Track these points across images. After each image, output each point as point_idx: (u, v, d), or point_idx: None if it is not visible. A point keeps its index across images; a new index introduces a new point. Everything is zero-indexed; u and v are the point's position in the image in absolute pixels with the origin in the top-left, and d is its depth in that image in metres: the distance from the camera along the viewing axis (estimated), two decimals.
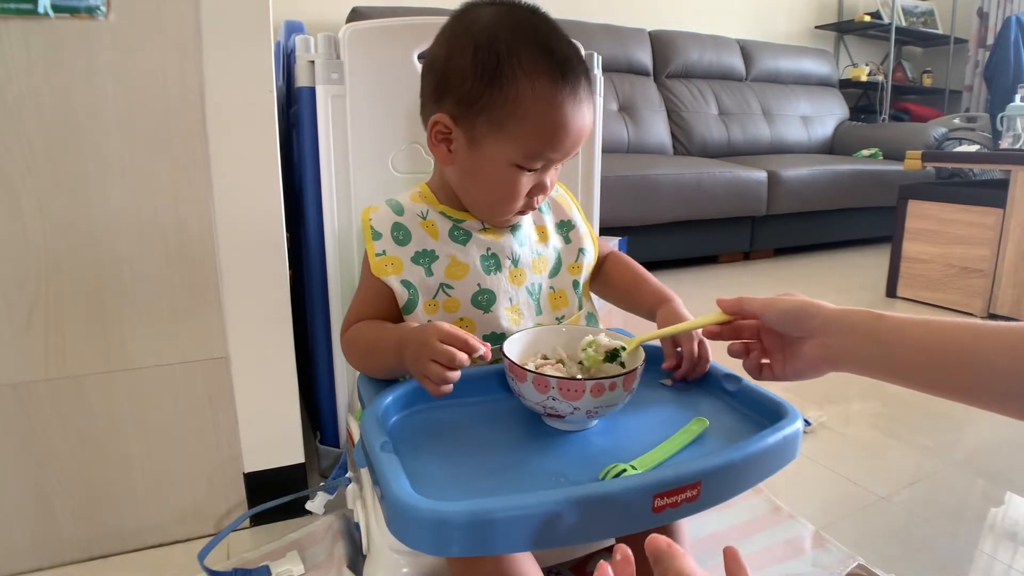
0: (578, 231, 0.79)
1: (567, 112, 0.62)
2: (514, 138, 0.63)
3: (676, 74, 3.11)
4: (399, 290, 0.68)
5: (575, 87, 0.63)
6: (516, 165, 0.65)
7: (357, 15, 2.35)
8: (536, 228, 0.76)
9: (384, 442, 0.52)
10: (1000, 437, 1.17)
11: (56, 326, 0.74)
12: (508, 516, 0.44)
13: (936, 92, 4.12)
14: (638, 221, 2.32)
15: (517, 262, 0.72)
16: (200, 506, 0.85)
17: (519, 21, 0.64)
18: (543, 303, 0.74)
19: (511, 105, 0.62)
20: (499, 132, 0.63)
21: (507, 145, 0.63)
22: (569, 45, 0.65)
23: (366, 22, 0.84)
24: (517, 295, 0.72)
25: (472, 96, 0.63)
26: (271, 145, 0.79)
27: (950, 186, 2.20)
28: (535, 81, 0.61)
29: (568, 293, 0.75)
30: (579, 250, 0.77)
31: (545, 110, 0.62)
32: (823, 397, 1.34)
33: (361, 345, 0.69)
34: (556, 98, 0.62)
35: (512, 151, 0.64)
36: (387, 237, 0.69)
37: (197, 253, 0.78)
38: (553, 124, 0.62)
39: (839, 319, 0.53)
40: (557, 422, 0.60)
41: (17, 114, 0.68)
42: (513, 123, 0.62)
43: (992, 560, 0.83)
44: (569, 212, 0.80)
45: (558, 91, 0.62)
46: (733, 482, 0.52)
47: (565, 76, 0.62)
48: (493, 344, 0.69)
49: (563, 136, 0.63)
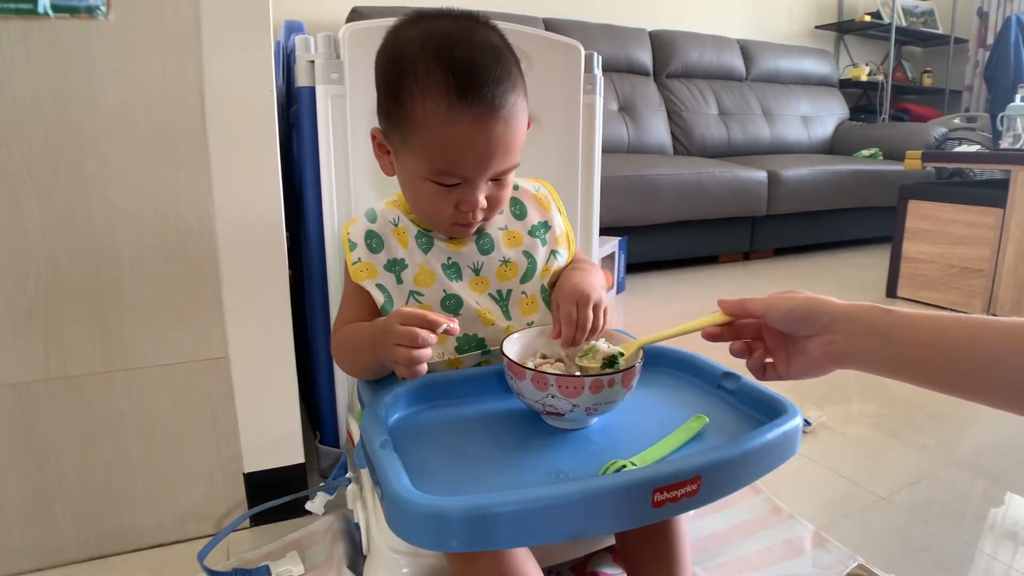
0: (554, 232, 0.76)
1: (464, 129, 0.59)
2: (418, 154, 0.62)
3: (676, 74, 3.11)
4: (376, 294, 0.69)
5: (477, 100, 0.59)
6: (429, 180, 0.63)
7: (357, 15, 2.35)
8: (505, 234, 0.73)
9: (384, 440, 0.52)
10: (1000, 437, 1.17)
11: (56, 326, 0.74)
12: (507, 511, 0.44)
13: (936, 92, 4.12)
14: (638, 221, 2.32)
15: (479, 271, 0.71)
16: (200, 506, 0.85)
17: (436, 32, 0.61)
18: (512, 309, 0.72)
19: (410, 121, 0.61)
20: (407, 148, 0.63)
21: (415, 160, 0.63)
22: (487, 52, 0.60)
23: (366, 22, 0.84)
24: (481, 300, 0.71)
25: (385, 110, 0.64)
26: (271, 145, 0.79)
27: (950, 186, 2.20)
28: (427, 97, 0.59)
29: (538, 298, 0.73)
30: (551, 252, 0.75)
31: (439, 127, 0.59)
32: (823, 397, 1.34)
33: (347, 348, 0.69)
34: (450, 114, 0.59)
35: (420, 166, 0.62)
36: (361, 246, 0.70)
37: (197, 253, 0.78)
38: (450, 141, 0.60)
39: (847, 315, 0.52)
40: (556, 420, 0.60)
41: (17, 114, 0.68)
42: (415, 139, 0.61)
43: (992, 560, 0.83)
44: (548, 213, 0.76)
45: (452, 107, 0.58)
46: (733, 477, 0.52)
47: (464, 91, 0.58)
48: (470, 343, 0.69)
49: (463, 153, 0.60)
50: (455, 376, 0.66)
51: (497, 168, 0.63)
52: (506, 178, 0.66)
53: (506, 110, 0.60)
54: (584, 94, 1.00)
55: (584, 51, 1.00)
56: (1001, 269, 1.87)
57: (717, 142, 3.06)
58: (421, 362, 0.57)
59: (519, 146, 0.64)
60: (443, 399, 0.65)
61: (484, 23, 0.64)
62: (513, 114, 0.61)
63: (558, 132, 1.00)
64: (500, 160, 0.62)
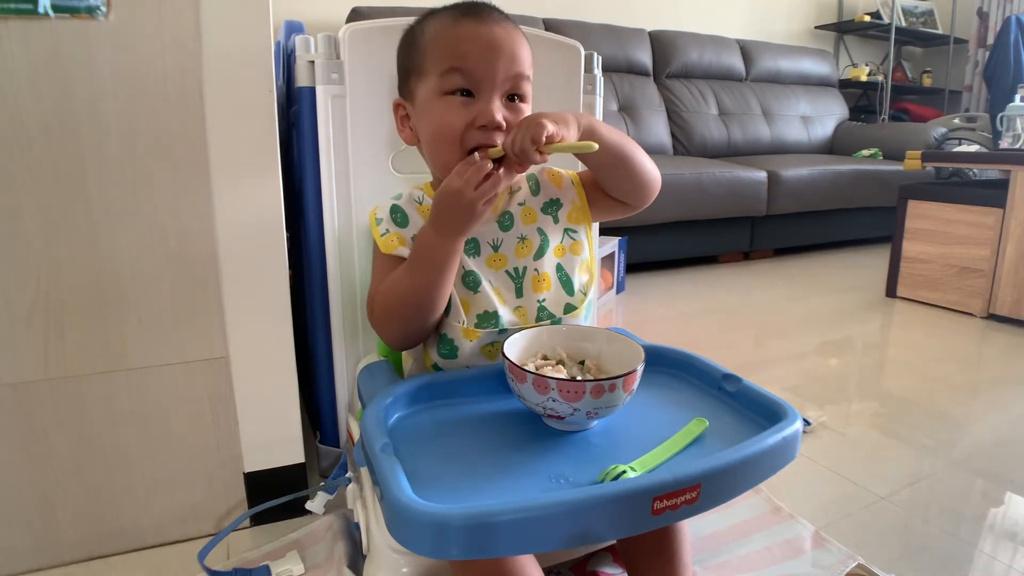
0: (566, 210, 0.76)
1: (468, 26, 0.66)
2: (430, 70, 0.67)
3: (676, 74, 3.11)
4: None
5: (480, 14, 0.66)
6: (442, 93, 0.67)
7: (357, 15, 2.35)
8: (523, 210, 0.74)
9: (384, 444, 0.52)
10: (1000, 437, 1.17)
11: (56, 326, 0.74)
12: (507, 519, 0.44)
13: (936, 92, 4.13)
14: (638, 221, 2.31)
15: (497, 248, 0.73)
16: (200, 506, 0.85)
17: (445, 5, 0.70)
18: (526, 286, 0.72)
19: (421, 49, 0.68)
20: (421, 77, 0.68)
21: (428, 81, 0.68)
22: (491, 7, 0.69)
23: (366, 22, 0.84)
24: (495, 279, 0.72)
25: (404, 66, 0.72)
26: (271, 145, 0.79)
27: (950, 186, 2.20)
28: (438, 20, 0.68)
29: (551, 276, 0.73)
30: (564, 231, 0.75)
31: (447, 31, 0.67)
32: (823, 397, 1.34)
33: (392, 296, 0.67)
34: (456, 22, 0.66)
35: (432, 83, 0.67)
36: (387, 220, 0.72)
37: (197, 253, 0.78)
38: (456, 38, 0.66)
39: None
40: (557, 423, 0.60)
41: (17, 114, 0.68)
42: (427, 60, 0.68)
43: (992, 560, 0.83)
44: (559, 190, 0.77)
45: (457, 18, 0.67)
46: (733, 484, 0.52)
47: (468, 10, 0.67)
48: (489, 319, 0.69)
49: (471, 46, 0.65)
50: (455, 376, 0.66)
51: (506, 69, 0.66)
52: (521, 100, 0.69)
53: (508, 25, 0.68)
54: (584, 94, 1.00)
55: (584, 51, 1.00)
56: (1001, 269, 1.87)
57: (717, 142, 3.06)
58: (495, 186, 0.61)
59: (524, 59, 0.68)
60: (443, 399, 0.64)
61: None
62: (516, 33, 0.68)
63: None
64: (507, 62, 0.66)
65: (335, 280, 0.88)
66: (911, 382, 1.44)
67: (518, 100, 0.68)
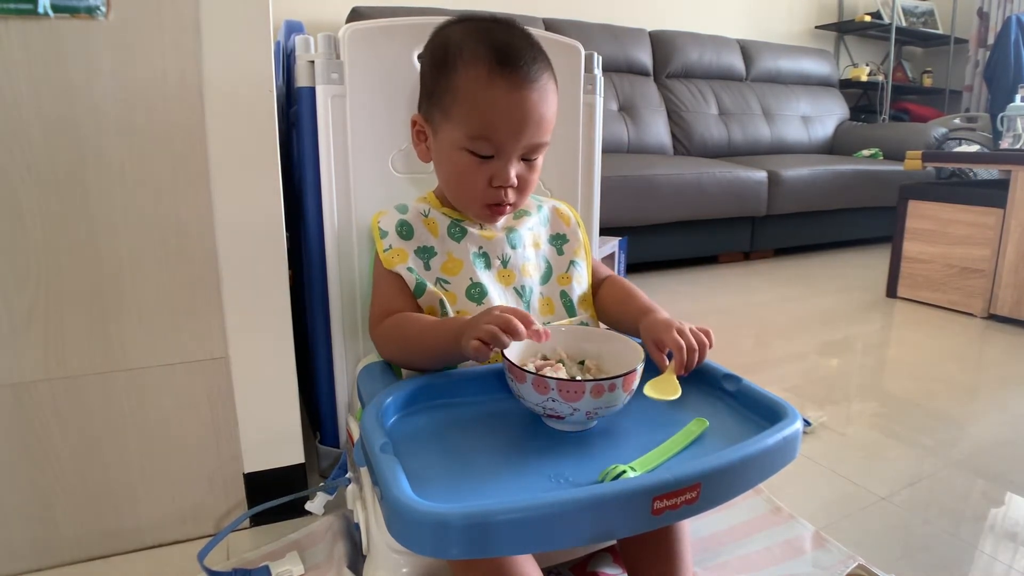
0: (571, 245, 0.80)
1: (501, 94, 0.64)
2: (458, 122, 0.67)
3: (676, 74, 3.11)
4: (408, 276, 0.70)
5: (515, 70, 0.65)
6: (466, 150, 0.67)
7: (357, 15, 2.35)
8: (531, 235, 0.78)
9: (384, 443, 0.52)
10: (1000, 437, 1.17)
11: (56, 326, 0.74)
12: (507, 519, 0.44)
13: (936, 92, 4.12)
14: (638, 221, 2.31)
15: (507, 263, 0.74)
16: (200, 506, 0.85)
17: (478, 26, 0.69)
18: (534, 307, 0.75)
19: (453, 91, 0.66)
20: (447, 119, 0.68)
21: (455, 130, 0.67)
22: (524, 39, 0.68)
23: (366, 22, 0.84)
24: (505, 294, 0.73)
25: (429, 90, 0.70)
26: (271, 145, 0.79)
27: (950, 186, 2.20)
28: (472, 66, 0.65)
29: (555, 302, 0.77)
30: (570, 262, 0.79)
31: (480, 91, 0.65)
32: (823, 397, 1.34)
33: (405, 334, 0.68)
34: (491, 79, 0.64)
35: (459, 135, 0.67)
36: (392, 234, 0.73)
37: (197, 253, 0.78)
38: (489, 105, 0.65)
39: None
40: (557, 423, 0.60)
41: (17, 114, 0.68)
42: (456, 108, 0.67)
43: (992, 560, 0.83)
44: (567, 228, 0.81)
45: (494, 74, 0.64)
46: (733, 484, 0.52)
47: (504, 61, 0.64)
48: None
49: (500, 117, 0.65)
50: (455, 376, 0.66)
51: (530, 139, 0.67)
52: (536, 159, 0.70)
53: (540, 83, 0.67)
54: (584, 94, 1.00)
55: (584, 51, 1.00)
56: (1001, 269, 1.87)
57: (717, 142, 3.06)
58: (504, 342, 0.57)
59: (550, 123, 0.69)
60: (443, 399, 0.64)
61: (521, 26, 0.71)
62: (546, 89, 0.67)
63: (558, 132, 0.99)
64: (533, 131, 0.67)
65: (335, 280, 0.88)
66: (911, 382, 1.44)
67: (533, 159, 0.70)
